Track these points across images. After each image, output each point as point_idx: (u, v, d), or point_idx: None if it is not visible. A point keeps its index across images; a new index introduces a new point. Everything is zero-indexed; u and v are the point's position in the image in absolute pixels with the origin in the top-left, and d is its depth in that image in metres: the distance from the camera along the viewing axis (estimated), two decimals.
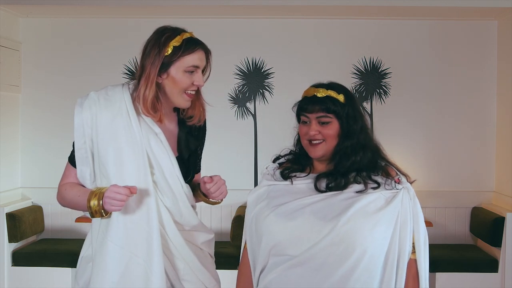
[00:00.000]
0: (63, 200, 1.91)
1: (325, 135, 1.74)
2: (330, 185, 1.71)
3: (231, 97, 4.59)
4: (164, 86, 1.82)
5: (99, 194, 1.75)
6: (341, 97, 1.75)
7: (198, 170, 2.07)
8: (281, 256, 1.68)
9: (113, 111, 1.81)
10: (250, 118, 4.59)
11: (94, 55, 4.57)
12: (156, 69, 1.79)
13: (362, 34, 4.56)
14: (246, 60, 4.59)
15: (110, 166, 1.79)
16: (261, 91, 4.60)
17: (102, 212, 1.76)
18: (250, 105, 4.60)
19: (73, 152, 1.88)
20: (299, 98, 1.84)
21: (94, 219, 1.86)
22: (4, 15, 4.29)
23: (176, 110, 1.96)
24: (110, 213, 1.79)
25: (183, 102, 1.84)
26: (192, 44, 1.82)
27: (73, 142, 1.87)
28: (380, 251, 1.65)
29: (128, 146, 1.79)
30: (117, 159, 1.79)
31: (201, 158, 2.06)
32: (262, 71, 4.59)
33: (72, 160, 1.89)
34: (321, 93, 1.75)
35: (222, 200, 1.96)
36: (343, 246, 1.62)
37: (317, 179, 1.74)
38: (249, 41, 4.58)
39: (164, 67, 1.80)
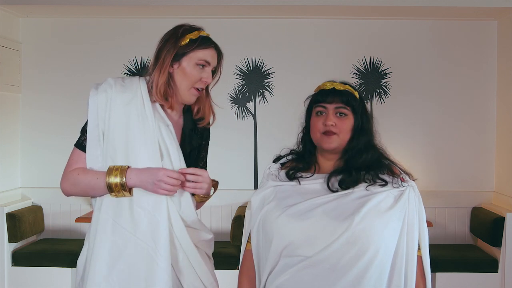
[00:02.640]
0: (74, 186, 1.86)
1: (340, 128, 1.74)
2: (343, 180, 1.71)
3: (231, 97, 4.59)
4: (174, 76, 1.87)
5: (120, 170, 1.77)
6: (356, 94, 1.79)
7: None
8: (293, 257, 1.67)
9: (128, 97, 1.84)
10: (250, 118, 4.59)
11: (94, 55, 4.57)
12: (171, 56, 1.85)
13: (362, 34, 4.56)
14: (246, 60, 4.59)
15: (121, 150, 1.81)
16: (261, 91, 4.60)
17: (125, 188, 1.76)
18: (250, 105, 4.60)
19: (81, 137, 1.88)
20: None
21: (93, 216, 1.86)
22: (4, 15, 4.29)
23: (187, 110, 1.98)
24: (131, 190, 1.79)
25: (189, 96, 1.88)
26: (207, 41, 1.91)
27: (82, 128, 1.88)
28: (390, 249, 1.66)
29: (140, 132, 1.82)
30: (129, 144, 1.81)
31: (206, 159, 2.08)
32: (262, 71, 4.59)
33: (80, 145, 1.88)
34: (340, 87, 1.78)
35: (206, 195, 1.92)
36: (358, 246, 1.62)
37: (329, 178, 1.73)
38: (249, 41, 4.57)
39: (178, 57, 1.86)
